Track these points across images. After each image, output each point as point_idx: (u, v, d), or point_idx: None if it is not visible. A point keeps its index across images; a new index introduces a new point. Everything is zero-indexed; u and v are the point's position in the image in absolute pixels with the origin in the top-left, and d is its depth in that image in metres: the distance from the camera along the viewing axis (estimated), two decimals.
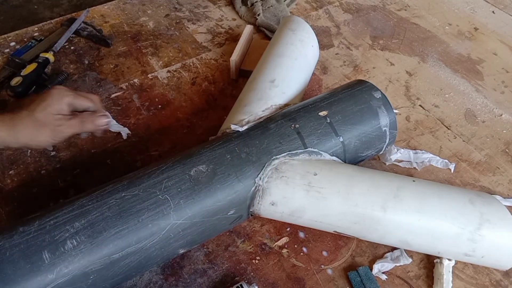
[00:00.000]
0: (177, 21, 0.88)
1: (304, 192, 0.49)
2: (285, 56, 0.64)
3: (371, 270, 0.53)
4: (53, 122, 0.49)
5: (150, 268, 0.51)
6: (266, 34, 0.86)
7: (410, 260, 0.54)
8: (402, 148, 0.66)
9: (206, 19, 0.90)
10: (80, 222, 0.42)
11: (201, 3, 0.94)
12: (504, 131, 0.72)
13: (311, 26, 0.70)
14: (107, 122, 0.53)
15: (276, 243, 0.55)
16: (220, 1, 0.95)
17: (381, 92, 0.57)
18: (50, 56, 0.74)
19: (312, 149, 0.52)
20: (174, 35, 0.85)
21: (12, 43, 0.80)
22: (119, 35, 0.84)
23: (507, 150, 0.69)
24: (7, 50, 0.78)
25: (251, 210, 0.50)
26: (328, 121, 0.53)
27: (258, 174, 0.49)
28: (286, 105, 0.58)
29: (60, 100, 0.50)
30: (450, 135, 0.70)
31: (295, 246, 0.55)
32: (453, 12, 0.97)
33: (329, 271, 0.53)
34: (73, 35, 0.82)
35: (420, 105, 0.75)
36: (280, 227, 0.57)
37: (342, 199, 0.49)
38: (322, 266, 0.53)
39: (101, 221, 0.42)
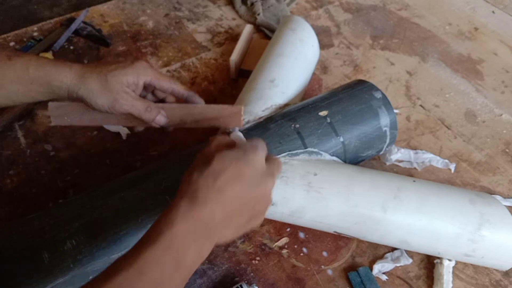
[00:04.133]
0: (177, 20, 0.88)
1: (304, 192, 0.49)
2: (285, 55, 0.64)
3: (372, 270, 0.52)
4: (119, 92, 0.46)
5: None
6: (266, 34, 0.86)
7: (411, 260, 0.54)
8: (403, 148, 0.66)
9: (205, 19, 0.89)
10: (79, 222, 0.42)
11: (201, 2, 0.94)
12: (504, 131, 0.71)
13: (311, 25, 0.70)
14: (164, 122, 0.50)
15: (276, 244, 0.55)
16: (219, 0, 0.95)
17: (382, 92, 0.57)
18: (49, 55, 0.74)
19: (312, 149, 0.52)
20: (174, 35, 0.85)
21: (12, 43, 0.79)
22: (118, 35, 0.83)
23: (507, 150, 0.69)
24: None
25: None
26: (328, 121, 0.53)
27: None
28: (286, 105, 0.58)
29: (139, 76, 0.47)
30: (451, 135, 0.70)
31: (295, 246, 0.55)
32: (453, 12, 0.97)
33: (329, 272, 0.53)
34: (73, 35, 0.82)
35: (420, 105, 0.75)
36: (280, 228, 0.56)
37: (342, 200, 0.49)
38: (322, 266, 0.53)
39: (101, 221, 0.42)
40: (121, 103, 0.46)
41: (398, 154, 0.64)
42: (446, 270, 0.51)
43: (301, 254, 0.54)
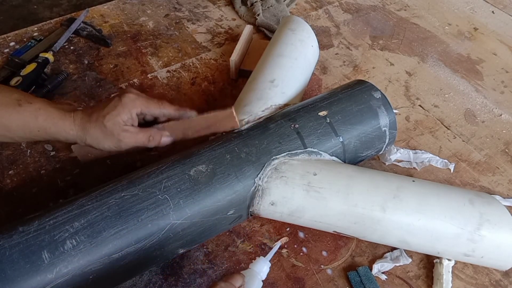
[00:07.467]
0: (177, 21, 0.88)
1: (303, 192, 0.49)
2: (285, 56, 0.64)
3: (371, 270, 0.53)
4: (119, 133, 0.50)
5: (150, 268, 0.51)
6: (265, 34, 0.86)
7: (410, 260, 0.54)
8: (402, 148, 0.66)
9: (205, 19, 0.90)
10: (79, 222, 0.42)
11: (201, 3, 0.94)
12: (504, 131, 0.72)
13: (310, 26, 0.70)
14: (169, 142, 0.54)
15: (276, 243, 0.55)
16: (219, 1, 0.95)
17: (381, 92, 0.57)
18: (49, 56, 0.74)
19: (312, 149, 0.52)
20: (174, 35, 0.85)
21: (12, 43, 0.80)
22: (118, 35, 0.84)
23: (506, 150, 0.69)
24: (6, 50, 0.78)
25: (250, 210, 0.50)
26: (328, 121, 0.53)
27: (258, 174, 0.49)
28: (286, 105, 0.58)
29: (131, 110, 0.50)
30: (450, 135, 0.70)
31: (295, 246, 0.55)
32: (453, 12, 0.97)
33: (329, 271, 0.53)
34: (73, 35, 0.82)
35: (419, 105, 0.75)
36: (280, 227, 0.56)
37: (341, 199, 0.49)
38: (322, 266, 0.53)
39: (101, 221, 0.42)
40: (125, 142, 0.50)
41: (397, 154, 0.65)
42: (446, 270, 0.52)
43: (301, 253, 0.54)
